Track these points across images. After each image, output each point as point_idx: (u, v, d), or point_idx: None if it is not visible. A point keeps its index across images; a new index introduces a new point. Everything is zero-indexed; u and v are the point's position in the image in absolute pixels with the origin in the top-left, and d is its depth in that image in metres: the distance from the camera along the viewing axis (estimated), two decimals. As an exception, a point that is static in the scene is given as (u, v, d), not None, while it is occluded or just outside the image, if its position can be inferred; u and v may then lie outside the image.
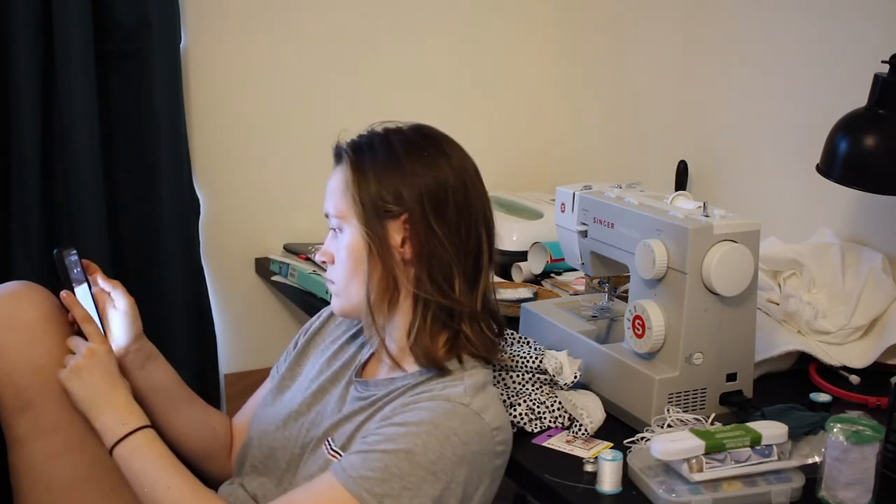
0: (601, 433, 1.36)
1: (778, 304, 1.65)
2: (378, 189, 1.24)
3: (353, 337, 1.43)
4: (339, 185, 1.28)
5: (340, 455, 1.24)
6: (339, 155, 1.30)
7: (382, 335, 1.30)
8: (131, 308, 1.38)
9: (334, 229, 1.31)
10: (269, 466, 1.36)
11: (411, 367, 1.28)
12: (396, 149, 1.26)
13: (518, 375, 1.41)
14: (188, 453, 1.43)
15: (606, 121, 2.32)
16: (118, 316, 1.38)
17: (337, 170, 1.30)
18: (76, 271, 1.38)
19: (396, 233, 1.25)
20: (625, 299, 1.55)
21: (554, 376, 1.40)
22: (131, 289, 1.40)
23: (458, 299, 1.26)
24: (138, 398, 1.35)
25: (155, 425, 1.32)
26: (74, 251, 1.39)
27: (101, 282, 1.39)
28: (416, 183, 1.24)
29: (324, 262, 1.33)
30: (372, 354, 1.38)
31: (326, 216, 1.31)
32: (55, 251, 1.37)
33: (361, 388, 1.33)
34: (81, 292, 1.37)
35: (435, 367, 1.26)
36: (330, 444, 1.27)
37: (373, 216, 1.25)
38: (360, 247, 1.26)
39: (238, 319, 2.22)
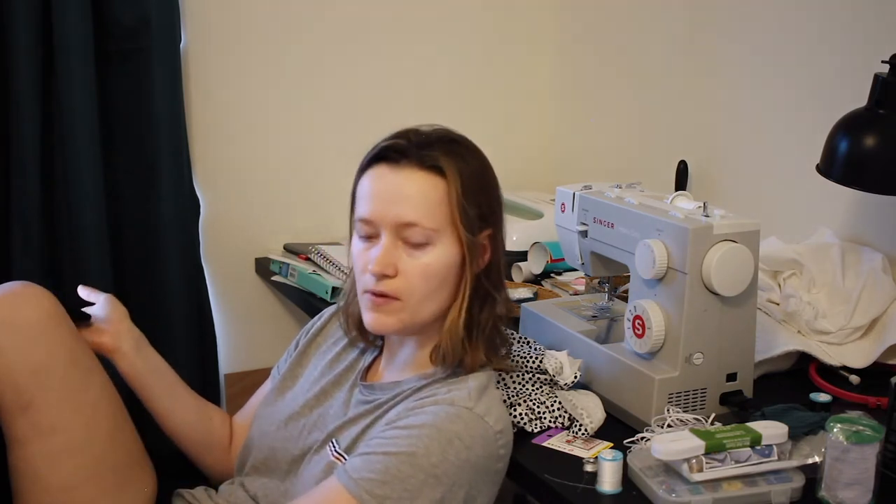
0: (601, 433, 1.36)
1: (778, 304, 1.65)
2: (478, 205, 1.22)
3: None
4: (430, 195, 1.20)
5: (344, 458, 1.24)
6: (421, 159, 1.20)
7: (414, 339, 1.30)
8: (108, 298, 1.44)
9: (417, 243, 1.20)
10: (271, 467, 1.36)
11: (416, 370, 1.29)
12: (477, 158, 1.25)
13: (518, 375, 1.41)
14: (186, 444, 1.45)
15: (606, 121, 2.32)
16: (100, 307, 1.43)
17: (416, 175, 1.20)
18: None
19: (485, 250, 1.27)
20: (625, 299, 1.55)
21: (554, 376, 1.40)
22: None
23: (505, 302, 1.29)
24: (139, 384, 1.41)
25: (155, 413, 1.38)
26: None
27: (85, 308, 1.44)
28: (495, 196, 1.26)
29: (385, 274, 1.20)
30: (375, 358, 1.38)
31: (367, 222, 1.22)
32: None
33: (366, 392, 1.32)
34: None
35: (462, 368, 1.26)
36: (334, 447, 1.27)
37: (476, 233, 1.23)
38: (452, 264, 1.22)
39: (238, 319, 2.22)
